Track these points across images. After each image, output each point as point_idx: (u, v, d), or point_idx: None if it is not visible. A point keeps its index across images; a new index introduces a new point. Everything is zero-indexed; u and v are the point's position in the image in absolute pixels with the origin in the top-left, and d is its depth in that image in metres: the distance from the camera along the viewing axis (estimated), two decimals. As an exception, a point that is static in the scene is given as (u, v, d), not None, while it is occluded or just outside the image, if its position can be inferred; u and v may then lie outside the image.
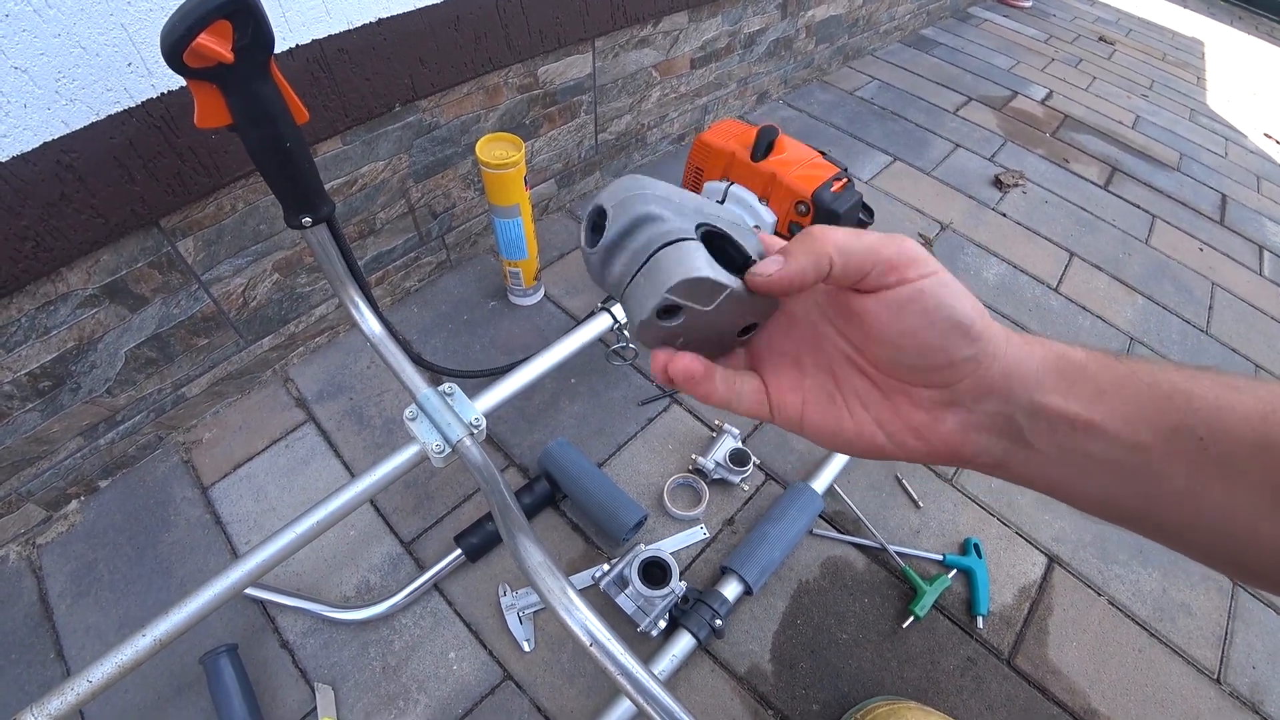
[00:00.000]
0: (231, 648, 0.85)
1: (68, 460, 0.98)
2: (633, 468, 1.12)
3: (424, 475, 1.08)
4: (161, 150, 0.81)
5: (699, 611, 0.91)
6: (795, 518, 1.01)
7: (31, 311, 0.82)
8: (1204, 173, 2.19)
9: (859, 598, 1.01)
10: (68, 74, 0.71)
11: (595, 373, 1.24)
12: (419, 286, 1.36)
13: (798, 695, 0.91)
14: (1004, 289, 1.55)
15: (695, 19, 1.53)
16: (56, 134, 0.73)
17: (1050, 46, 2.84)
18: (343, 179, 1.06)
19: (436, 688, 0.89)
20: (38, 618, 0.92)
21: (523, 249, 1.21)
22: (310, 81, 0.91)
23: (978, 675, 0.95)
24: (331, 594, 0.96)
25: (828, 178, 1.13)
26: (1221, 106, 2.75)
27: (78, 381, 0.92)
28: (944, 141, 2.04)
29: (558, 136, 1.40)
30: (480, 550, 0.97)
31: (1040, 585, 1.06)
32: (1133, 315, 1.56)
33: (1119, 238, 1.79)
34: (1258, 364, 1.52)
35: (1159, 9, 3.85)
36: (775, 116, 2.04)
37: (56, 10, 0.67)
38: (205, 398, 1.11)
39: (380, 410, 1.16)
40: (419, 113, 1.09)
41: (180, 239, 0.91)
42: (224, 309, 1.03)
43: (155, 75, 0.77)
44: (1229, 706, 0.97)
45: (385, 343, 0.92)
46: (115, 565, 0.97)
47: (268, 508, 1.04)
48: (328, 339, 1.25)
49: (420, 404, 0.84)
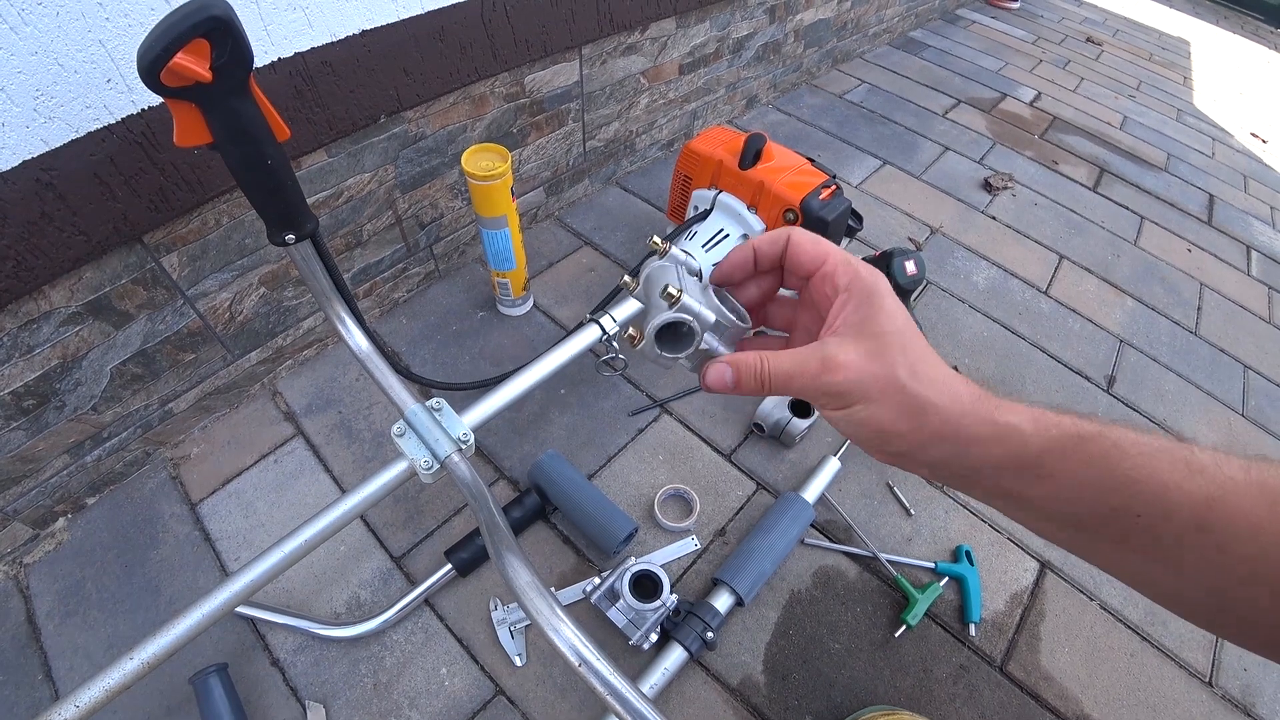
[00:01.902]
0: (221, 667, 0.84)
1: (54, 478, 0.97)
2: (623, 479, 1.11)
3: (414, 489, 1.07)
4: (143, 166, 0.80)
5: (691, 624, 0.90)
6: (787, 528, 1.00)
7: (14, 330, 0.81)
8: (1191, 173, 2.20)
9: (851, 607, 1.01)
10: (46, 92, 0.70)
11: (585, 383, 1.23)
12: (407, 297, 1.36)
13: (790, 706, 0.91)
14: (994, 293, 1.55)
15: (683, 25, 1.52)
16: (36, 152, 0.72)
17: (1038, 48, 2.85)
18: (328, 191, 1.05)
19: (428, 704, 0.88)
20: (25, 638, 0.91)
21: (510, 260, 1.20)
22: (293, 94, 0.90)
23: (971, 683, 0.95)
24: (322, 610, 0.95)
25: (816, 185, 1.13)
26: (1208, 106, 2.76)
27: (63, 399, 0.91)
28: (933, 145, 2.04)
29: (546, 145, 1.40)
30: (471, 565, 0.96)
31: (1032, 591, 1.06)
32: (1122, 317, 1.57)
33: (1108, 239, 1.80)
34: (1246, 364, 1.53)
35: (1145, 9, 3.87)
36: (764, 121, 2.04)
37: (33, 28, 0.66)
38: (193, 413, 1.10)
39: (369, 423, 1.15)
40: (405, 123, 1.09)
41: (164, 255, 0.91)
42: (210, 324, 1.02)
43: (135, 91, 0.76)
44: (1221, 709, 0.97)
45: (372, 358, 0.91)
46: (103, 584, 0.96)
47: (257, 523, 1.03)
48: (316, 351, 1.24)
49: (408, 420, 0.84)
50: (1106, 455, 0.28)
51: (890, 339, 0.31)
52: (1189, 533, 0.27)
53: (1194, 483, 0.27)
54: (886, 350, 0.31)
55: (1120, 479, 0.28)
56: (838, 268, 0.34)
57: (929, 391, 0.31)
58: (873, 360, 0.31)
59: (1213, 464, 0.27)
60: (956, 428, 0.30)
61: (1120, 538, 0.29)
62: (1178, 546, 0.27)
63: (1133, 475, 0.27)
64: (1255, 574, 0.26)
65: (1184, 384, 1.45)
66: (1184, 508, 0.27)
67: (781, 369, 0.34)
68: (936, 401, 0.30)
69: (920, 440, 0.31)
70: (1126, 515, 0.28)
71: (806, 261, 0.36)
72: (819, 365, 0.32)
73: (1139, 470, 0.27)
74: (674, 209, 1.36)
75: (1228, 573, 0.27)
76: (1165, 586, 0.30)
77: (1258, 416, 1.42)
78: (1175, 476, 0.27)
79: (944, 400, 0.30)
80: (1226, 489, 0.26)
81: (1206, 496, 0.26)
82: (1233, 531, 0.26)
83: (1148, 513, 0.27)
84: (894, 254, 1.03)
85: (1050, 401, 1.31)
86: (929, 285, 1.53)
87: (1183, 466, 0.27)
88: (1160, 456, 0.27)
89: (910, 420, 0.31)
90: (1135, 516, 0.28)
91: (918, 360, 0.31)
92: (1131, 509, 0.28)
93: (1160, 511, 0.27)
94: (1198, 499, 0.26)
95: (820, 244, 0.36)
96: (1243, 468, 0.27)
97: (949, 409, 0.30)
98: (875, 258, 1.03)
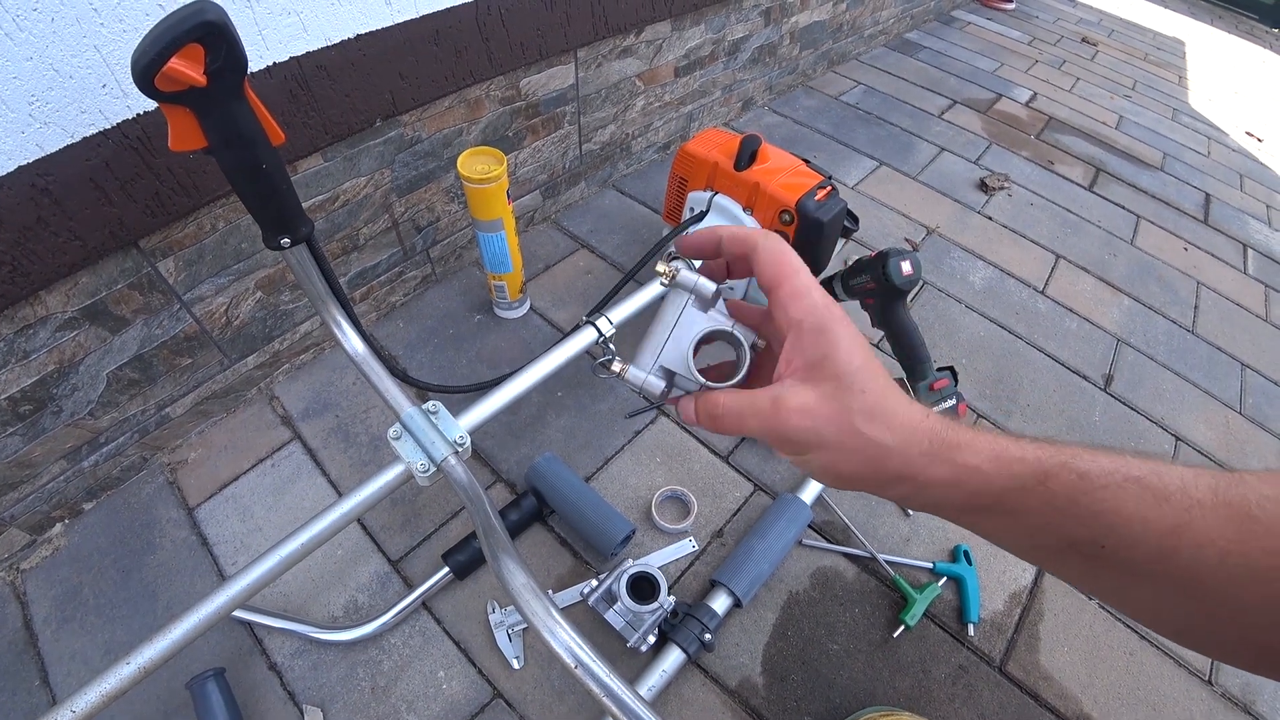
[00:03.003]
0: (219, 671, 0.84)
1: (51, 484, 0.97)
2: (620, 481, 1.11)
3: (411, 492, 1.07)
4: (139, 171, 0.80)
5: (688, 626, 0.90)
6: (784, 529, 1.00)
7: (10, 336, 0.81)
8: (1187, 172, 2.21)
9: (849, 608, 1.01)
10: (41, 97, 0.70)
11: (582, 386, 1.23)
12: (404, 301, 1.36)
13: (789, 708, 0.91)
14: (991, 293, 1.55)
15: (678, 28, 1.53)
16: (31, 158, 0.72)
17: (1034, 48, 2.86)
18: (324, 195, 1.05)
19: (426, 707, 0.88)
20: (22, 644, 0.91)
21: (507, 263, 1.20)
22: (289, 99, 0.90)
23: (970, 683, 0.95)
24: (319, 614, 0.95)
25: (812, 186, 1.13)
26: (1203, 106, 2.77)
27: (59, 405, 0.91)
28: (929, 145, 2.05)
29: (542, 148, 1.40)
30: (468, 568, 0.96)
31: (1031, 591, 1.06)
32: (1119, 316, 1.57)
33: (1104, 239, 1.80)
34: (1243, 362, 1.53)
35: (1140, 9, 3.89)
36: (760, 123, 2.04)
37: (28, 34, 0.66)
38: (190, 417, 1.10)
39: (366, 427, 1.15)
40: (400, 127, 1.09)
41: (160, 259, 0.91)
42: (207, 328, 1.02)
43: (130, 96, 0.76)
44: (1221, 707, 0.97)
45: (369, 361, 0.91)
46: (101, 589, 0.96)
47: (254, 528, 1.03)
48: (313, 355, 1.24)
49: (404, 423, 0.83)
50: (1069, 490, 0.28)
51: (847, 380, 0.31)
52: (1155, 561, 0.27)
53: (1158, 511, 0.26)
54: (843, 393, 0.31)
55: (1083, 513, 0.28)
56: (790, 300, 0.33)
57: (885, 436, 0.30)
58: (827, 403, 0.31)
59: (1179, 489, 0.26)
60: (914, 470, 0.30)
61: (1088, 564, 0.29)
62: (1148, 574, 0.27)
63: (1095, 509, 0.27)
64: (1228, 598, 0.26)
65: (1181, 383, 1.45)
66: (1149, 538, 0.26)
67: (733, 409, 0.34)
68: (892, 446, 0.30)
69: (880, 482, 0.31)
70: (1091, 546, 0.28)
71: (764, 281, 0.34)
72: (770, 408, 0.32)
73: (1102, 504, 0.27)
74: (670, 211, 1.36)
75: (1201, 599, 0.26)
76: (1143, 606, 0.30)
77: (1255, 414, 1.42)
78: (1141, 508, 0.27)
79: (900, 443, 0.30)
80: (1193, 514, 0.26)
81: (1173, 525, 0.26)
82: (1200, 558, 0.26)
83: (1112, 544, 0.27)
84: (890, 254, 1.03)
85: (1047, 402, 1.30)
86: (925, 286, 1.53)
87: (1149, 496, 0.27)
88: (1127, 487, 0.27)
89: (867, 466, 0.31)
90: (1100, 547, 0.28)
91: (877, 400, 0.30)
92: (1096, 540, 0.28)
93: (1125, 542, 0.27)
94: (1163, 528, 0.26)
95: (781, 266, 0.34)
96: (1211, 489, 0.26)
97: (906, 452, 0.30)
98: (871, 258, 1.02)
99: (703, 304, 0.40)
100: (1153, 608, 0.29)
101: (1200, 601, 0.27)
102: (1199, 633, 0.29)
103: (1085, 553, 0.28)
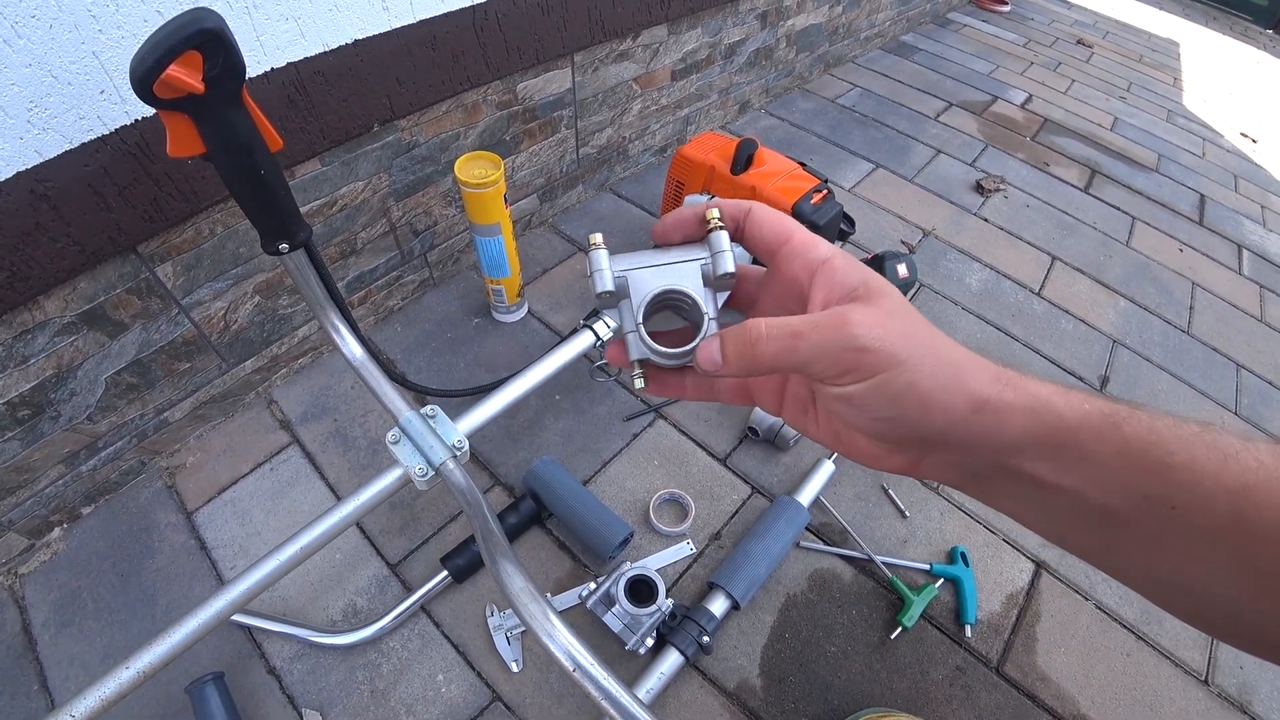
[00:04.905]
0: (218, 676, 0.84)
1: (49, 488, 0.97)
2: (618, 484, 1.12)
3: (410, 495, 1.08)
4: (137, 176, 0.81)
5: (686, 628, 0.90)
6: (782, 531, 1.01)
7: (8, 340, 0.81)
8: (1182, 173, 2.21)
9: (847, 609, 1.01)
10: (40, 103, 0.70)
11: (580, 389, 1.24)
12: (402, 305, 1.36)
13: (787, 709, 0.91)
14: (987, 295, 1.55)
15: (675, 31, 1.53)
16: (30, 163, 0.72)
17: (1029, 50, 2.87)
18: (322, 200, 1.05)
19: (425, 711, 0.88)
20: (21, 649, 0.91)
21: (504, 267, 1.21)
22: (286, 104, 0.90)
23: (967, 684, 0.96)
24: (318, 618, 0.95)
25: (808, 189, 1.14)
26: (1198, 107, 2.78)
27: (57, 409, 0.91)
28: (925, 148, 2.06)
29: (539, 152, 1.41)
30: (467, 571, 0.96)
31: (1028, 592, 1.06)
32: (1115, 318, 1.57)
33: (1100, 240, 1.81)
34: (1239, 362, 1.54)
35: (1135, 11, 3.90)
36: (757, 126, 2.05)
37: (26, 40, 0.67)
38: (188, 422, 1.10)
39: (364, 431, 1.16)
40: (398, 132, 1.09)
41: (159, 264, 0.91)
42: (205, 333, 1.03)
43: (129, 102, 0.76)
44: (1218, 707, 0.98)
45: (367, 366, 0.91)
46: (99, 594, 0.96)
47: (253, 532, 1.03)
48: (311, 359, 1.24)
49: (402, 427, 0.84)
50: (1142, 439, 0.25)
51: (899, 299, 0.28)
52: (1223, 528, 0.24)
53: (1227, 470, 0.24)
54: (903, 308, 0.27)
55: (1156, 464, 0.25)
56: (805, 248, 0.30)
57: (957, 354, 0.26)
58: (892, 318, 0.26)
59: (1243, 448, 0.24)
60: (990, 393, 0.26)
61: (1153, 535, 0.26)
62: (1211, 544, 0.24)
63: (1169, 462, 0.24)
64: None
65: (1177, 383, 1.45)
66: (1220, 499, 0.24)
67: (784, 329, 0.28)
68: (966, 366, 0.26)
69: (962, 413, 0.26)
70: (1162, 506, 0.25)
71: (769, 236, 0.31)
72: (834, 320, 0.27)
73: (1176, 456, 0.24)
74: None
75: (1258, 573, 0.24)
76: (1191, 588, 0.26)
77: (1251, 415, 1.42)
78: (1210, 464, 0.24)
79: (972, 365, 0.26)
80: (1260, 475, 0.23)
81: (1242, 485, 0.23)
82: (1266, 521, 0.23)
83: (1183, 504, 0.24)
84: (886, 257, 1.04)
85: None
86: (922, 288, 1.54)
87: (1217, 453, 0.24)
88: (1196, 442, 0.24)
89: (953, 383, 0.26)
90: (1170, 509, 0.25)
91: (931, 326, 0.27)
92: (1167, 499, 0.25)
93: (1197, 503, 0.24)
94: (1233, 488, 0.23)
95: (784, 222, 0.32)
96: (1271, 452, 0.24)
97: (978, 375, 0.26)
98: (867, 261, 1.03)
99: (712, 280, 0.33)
100: (1203, 588, 0.26)
101: (1256, 575, 0.24)
102: (1245, 616, 0.26)
103: (1154, 518, 0.25)
